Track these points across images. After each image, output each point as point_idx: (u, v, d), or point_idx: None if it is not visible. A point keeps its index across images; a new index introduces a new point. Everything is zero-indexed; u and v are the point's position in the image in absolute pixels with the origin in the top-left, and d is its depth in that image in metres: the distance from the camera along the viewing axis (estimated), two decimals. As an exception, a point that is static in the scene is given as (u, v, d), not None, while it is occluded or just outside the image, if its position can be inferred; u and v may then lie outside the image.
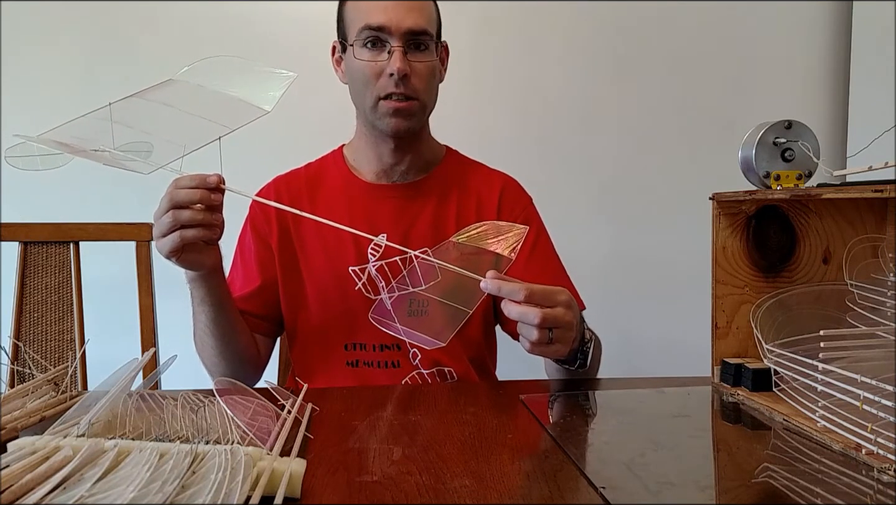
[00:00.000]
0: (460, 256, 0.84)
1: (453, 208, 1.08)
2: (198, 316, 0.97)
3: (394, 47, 0.96)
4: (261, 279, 1.07)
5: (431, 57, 1.00)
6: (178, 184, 0.82)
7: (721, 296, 0.86)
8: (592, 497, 0.54)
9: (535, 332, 0.77)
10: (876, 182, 0.59)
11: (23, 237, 1.24)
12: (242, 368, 1.03)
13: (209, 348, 0.99)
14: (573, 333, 0.82)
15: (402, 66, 0.96)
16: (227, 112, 0.80)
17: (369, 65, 0.98)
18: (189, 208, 0.81)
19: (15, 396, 0.72)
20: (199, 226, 0.82)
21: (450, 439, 0.68)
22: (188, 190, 0.81)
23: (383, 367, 1.04)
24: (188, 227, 0.81)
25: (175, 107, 0.77)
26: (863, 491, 0.55)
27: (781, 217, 0.86)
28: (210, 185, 0.81)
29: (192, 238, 0.82)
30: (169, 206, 0.81)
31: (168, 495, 0.46)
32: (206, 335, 0.97)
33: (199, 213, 0.81)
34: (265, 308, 1.08)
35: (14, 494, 0.47)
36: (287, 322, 1.09)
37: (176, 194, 0.81)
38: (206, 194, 0.81)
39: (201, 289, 0.92)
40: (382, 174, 1.09)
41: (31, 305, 1.24)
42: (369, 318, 0.99)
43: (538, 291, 0.77)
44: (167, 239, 0.82)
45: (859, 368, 0.63)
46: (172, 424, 0.64)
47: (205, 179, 0.81)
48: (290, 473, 0.52)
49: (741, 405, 0.79)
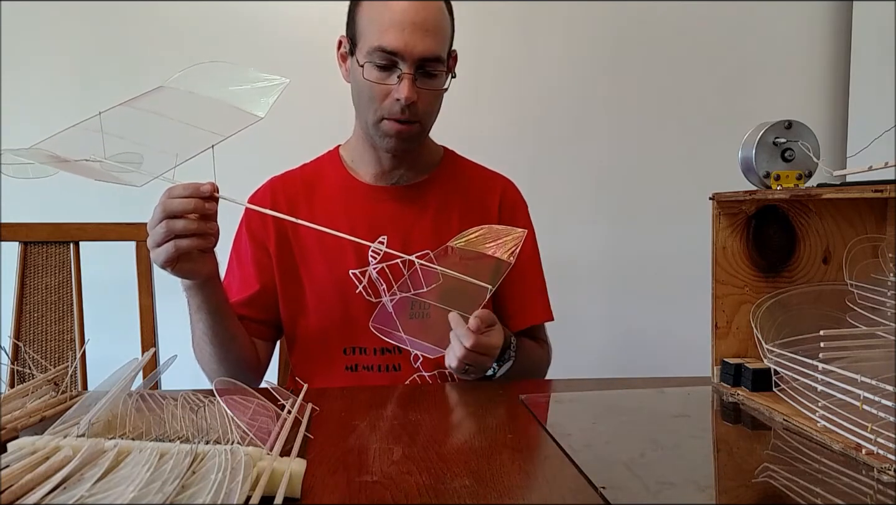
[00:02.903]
0: (460, 261, 0.84)
1: (455, 212, 1.08)
2: (195, 324, 0.96)
3: (404, 73, 0.93)
4: (259, 283, 1.06)
5: (440, 84, 0.98)
6: (170, 193, 0.81)
7: (721, 296, 0.86)
8: (592, 497, 0.54)
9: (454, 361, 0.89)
10: (876, 182, 0.59)
11: (23, 237, 1.24)
12: (242, 374, 1.01)
13: (208, 355, 0.98)
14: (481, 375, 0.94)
15: (411, 95, 0.94)
16: (219, 119, 0.79)
17: (377, 85, 0.96)
18: (183, 218, 0.80)
19: (15, 396, 0.72)
20: (194, 235, 0.81)
21: (450, 439, 0.68)
22: (181, 199, 0.80)
23: (383, 371, 1.03)
24: (182, 237, 0.81)
25: (166, 115, 0.76)
26: (863, 491, 0.55)
27: (781, 217, 0.86)
28: (203, 194, 0.81)
29: (187, 248, 0.81)
30: (162, 216, 0.80)
31: (168, 495, 0.45)
32: (205, 342, 0.97)
33: (193, 223, 0.81)
34: (264, 312, 1.07)
35: (14, 494, 0.47)
36: (286, 326, 1.08)
37: (169, 204, 0.80)
38: (200, 203, 0.81)
39: (198, 297, 0.92)
40: (381, 176, 1.08)
41: (31, 305, 1.24)
42: (370, 327, 0.98)
43: (483, 344, 0.87)
44: (162, 249, 0.81)
45: (859, 368, 0.63)
46: (172, 424, 0.64)
47: (198, 188, 0.81)
48: (290, 473, 0.52)
49: (741, 405, 0.79)
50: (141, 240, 1.26)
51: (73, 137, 0.74)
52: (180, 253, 0.81)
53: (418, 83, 0.95)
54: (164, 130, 0.77)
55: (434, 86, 0.98)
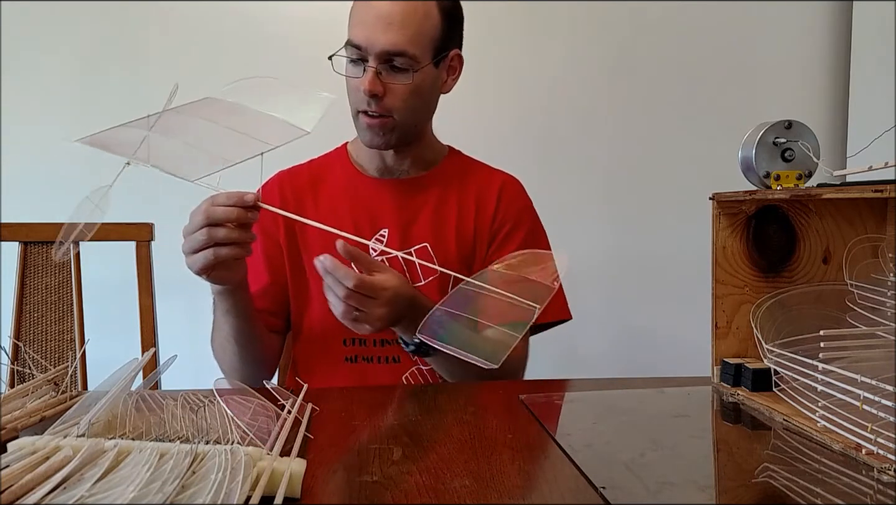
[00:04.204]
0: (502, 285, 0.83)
1: (454, 204, 1.09)
2: (221, 325, 0.98)
3: (367, 67, 0.96)
4: (269, 276, 1.08)
5: (408, 78, 0.98)
6: (214, 201, 0.81)
7: (721, 296, 0.86)
8: (592, 497, 0.54)
9: (340, 304, 0.83)
10: (876, 182, 0.59)
11: (23, 237, 1.24)
12: (261, 371, 1.05)
13: (231, 355, 1.00)
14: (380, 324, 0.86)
15: (371, 87, 0.96)
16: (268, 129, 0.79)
17: (350, 79, 0.99)
18: (224, 226, 0.81)
19: (15, 396, 0.72)
20: (233, 244, 0.82)
21: (450, 439, 0.68)
22: (225, 208, 0.80)
23: (383, 362, 1.05)
24: (222, 245, 0.81)
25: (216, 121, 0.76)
26: (863, 491, 0.55)
27: (781, 217, 0.86)
28: (247, 204, 0.81)
29: (226, 256, 0.82)
30: (204, 223, 0.80)
31: (168, 495, 0.45)
32: (229, 343, 0.98)
33: (233, 232, 0.81)
34: (274, 304, 1.09)
35: (14, 494, 0.47)
36: (294, 319, 1.11)
37: (212, 212, 0.80)
38: (243, 213, 0.81)
39: (226, 301, 0.93)
40: (385, 171, 1.10)
41: (31, 305, 1.24)
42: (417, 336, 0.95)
43: (367, 283, 0.82)
44: (200, 256, 0.81)
45: (859, 368, 0.63)
46: (172, 424, 0.64)
47: (242, 198, 0.80)
48: (290, 473, 0.52)
49: (741, 405, 0.79)
50: (141, 240, 1.26)
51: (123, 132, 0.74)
52: (218, 261, 0.82)
53: (385, 77, 0.97)
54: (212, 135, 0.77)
55: (401, 80, 0.98)
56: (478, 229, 1.09)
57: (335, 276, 0.81)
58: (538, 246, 1.12)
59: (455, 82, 1.09)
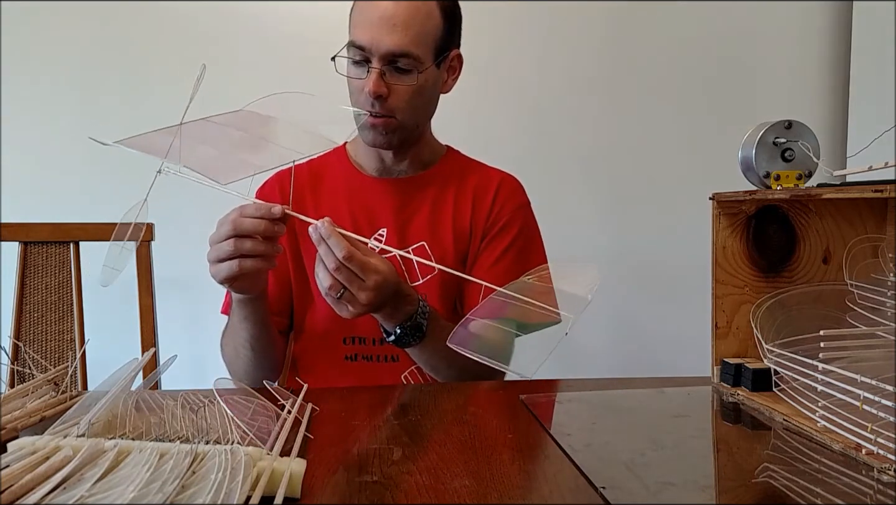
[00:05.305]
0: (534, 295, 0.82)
1: (451, 203, 1.09)
2: (237, 331, 0.98)
3: (371, 68, 0.96)
4: (273, 276, 1.08)
5: (412, 79, 0.98)
6: (242, 212, 0.81)
7: (721, 296, 0.86)
8: (592, 497, 0.54)
9: (328, 278, 0.80)
10: (876, 182, 0.59)
11: (23, 237, 1.24)
12: (270, 376, 1.06)
13: (244, 361, 1.00)
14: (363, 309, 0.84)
15: (376, 89, 0.96)
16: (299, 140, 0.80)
17: (353, 80, 1.00)
18: (251, 238, 0.81)
19: (15, 396, 0.72)
20: (259, 256, 0.82)
21: (450, 439, 0.68)
22: (253, 220, 0.80)
23: (382, 360, 1.05)
24: (247, 257, 0.81)
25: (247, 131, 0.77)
26: (863, 491, 0.55)
27: (781, 217, 0.86)
28: (275, 216, 0.81)
29: (251, 268, 0.82)
30: (231, 234, 0.80)
31: (168, 495, 0.45)
32: (244, 348, 0.99)
33: (260, 244, 0.81)
34: (278, 304, 1.10)
35: (14, 494, 0.47)
36: (296, 318, 1.11)
37: (240, 223, 0.80)
38: (270, 226, 0.81)
39: (245, 309, 0.94)
40: (384, 170, 1.10)
41: (31, 305, 1.24)
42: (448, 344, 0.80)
43: (358, 260, 0.79)
44: (225, 266, 0.82)
45: (859, 368, 0.63)
46: (172, 424, 0.64)
47: (270, 210, 0.80)
48: (290, 473, 0.52)
49: (741, 405, 0.79)
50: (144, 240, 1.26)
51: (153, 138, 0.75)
52: (243, 273, 0.82)
53: (389, 78, 0.97)
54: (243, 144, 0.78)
55: (406, 81, 0.98)
56: (473, 226, 1.09)
57: (329, 243, 0.79)
58: (530, 245, 1.12)
59: (455, 82, 1.09)
